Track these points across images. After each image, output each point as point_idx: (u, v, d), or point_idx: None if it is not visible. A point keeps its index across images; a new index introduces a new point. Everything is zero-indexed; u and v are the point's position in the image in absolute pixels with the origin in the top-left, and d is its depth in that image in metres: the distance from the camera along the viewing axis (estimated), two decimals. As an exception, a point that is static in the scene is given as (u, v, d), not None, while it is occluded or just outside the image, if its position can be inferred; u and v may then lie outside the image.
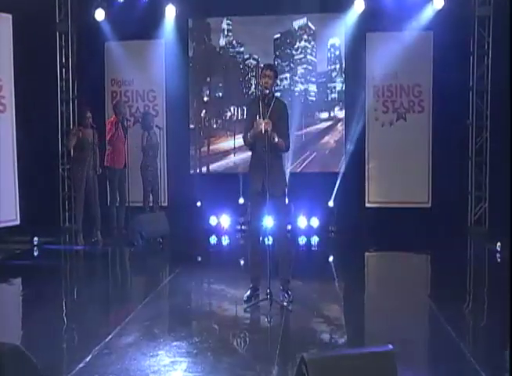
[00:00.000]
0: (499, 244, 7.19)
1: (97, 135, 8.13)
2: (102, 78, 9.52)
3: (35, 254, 7.71)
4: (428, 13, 8.74)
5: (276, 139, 4.94)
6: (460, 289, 5.85)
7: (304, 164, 9.21)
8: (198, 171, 9.61)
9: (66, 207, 9.53)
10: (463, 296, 5.69)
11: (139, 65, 9.39)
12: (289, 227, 5.57)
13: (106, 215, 8.37)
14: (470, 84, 8.89)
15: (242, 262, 6.92)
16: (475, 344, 4.39)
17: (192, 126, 9.65)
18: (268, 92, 5.06)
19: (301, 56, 9.41)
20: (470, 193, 9.00)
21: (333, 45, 9.31)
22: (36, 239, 8.00)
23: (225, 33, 9.54)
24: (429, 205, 9.04)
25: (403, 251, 7.72)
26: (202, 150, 9.62)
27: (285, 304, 5.02)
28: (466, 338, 4.41)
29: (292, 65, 9.43)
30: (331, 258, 7.52)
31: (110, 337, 4.33)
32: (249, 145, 5.19)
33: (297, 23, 9.36)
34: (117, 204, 8.48)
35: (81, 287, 6.16)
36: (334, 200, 8.99)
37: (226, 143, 9.52)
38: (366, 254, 7.79)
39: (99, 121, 8.43)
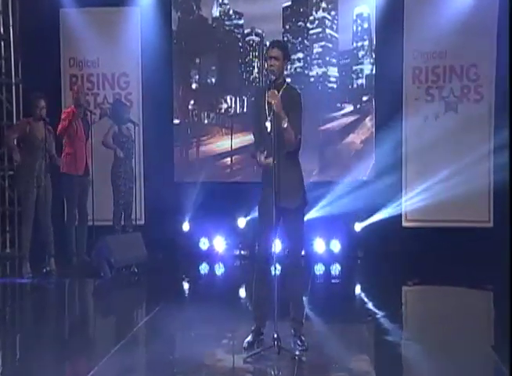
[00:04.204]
0: None
1: (52, 132, 8.08)
2: (56, 57, 9.52)
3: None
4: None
5: (286, 124, 4.98)
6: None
7: (322, 170, 9.20)
8: (184, 179, 9.59)
9: (7, 227, 9.58)
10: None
11: (107, 40, 9.39)
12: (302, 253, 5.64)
13: (63, 238, 8.36)
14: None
15: (241, 298, 6.99)
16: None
17: (176, 121, 9.72)
18: (274, 78, 5.11)
19: (319, 30, 9.42)
20: (547, 209, 8.85)
21: (359, 16, 9.31)
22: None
23: (220, 0, 9.56)
24: (491, 225, 8.99)
25: (454, 285, 7.67)
26: (190, 151, 9.68)
27: (297, 353, 5.04)
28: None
29: (306, 42, 9.48)
30: (357, 294, 7.56)
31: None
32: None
33: (314, -14, 9.46)
34: (77, 223, 8.48)
35: (27, 334, 6.02)
36: (362, 218, 9.00)
37: (221, 144, 9.63)
38: (404, 288, 7.78)
39: (53, 114, 8.30)
